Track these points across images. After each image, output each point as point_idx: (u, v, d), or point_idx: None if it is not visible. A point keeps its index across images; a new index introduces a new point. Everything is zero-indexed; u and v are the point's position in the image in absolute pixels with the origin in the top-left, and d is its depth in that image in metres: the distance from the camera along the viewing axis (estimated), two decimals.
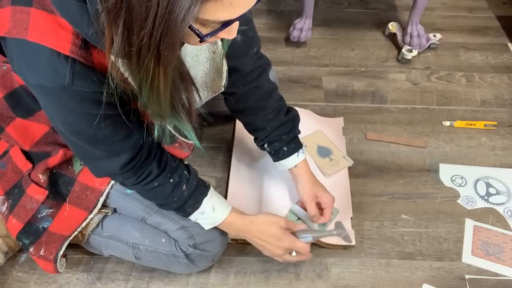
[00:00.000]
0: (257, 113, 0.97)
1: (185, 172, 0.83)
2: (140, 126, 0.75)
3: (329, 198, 1.00)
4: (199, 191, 0.84)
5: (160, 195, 0.83)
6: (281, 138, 0.98)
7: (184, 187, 0.82)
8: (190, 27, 0.50)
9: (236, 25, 0.57)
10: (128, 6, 0.48)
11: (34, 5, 0.58)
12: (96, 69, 0.62)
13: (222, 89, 0.86)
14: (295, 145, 0.99)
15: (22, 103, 0.77)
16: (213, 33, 0.55)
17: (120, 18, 0.49)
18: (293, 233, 0.91)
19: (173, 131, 0.74)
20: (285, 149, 0.98)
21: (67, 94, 0.62)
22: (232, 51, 0.81)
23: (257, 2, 0.54)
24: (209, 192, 0.85)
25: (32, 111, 0.78)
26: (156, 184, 0.80)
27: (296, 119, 1.01)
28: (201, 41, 0.55)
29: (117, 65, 0.57)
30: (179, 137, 0.79)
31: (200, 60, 0.80)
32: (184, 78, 0.64)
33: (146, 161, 0.78)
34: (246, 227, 0.89)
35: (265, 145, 1.00)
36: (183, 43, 0.67)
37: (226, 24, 0.54)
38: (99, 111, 0.65)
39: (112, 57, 0.55)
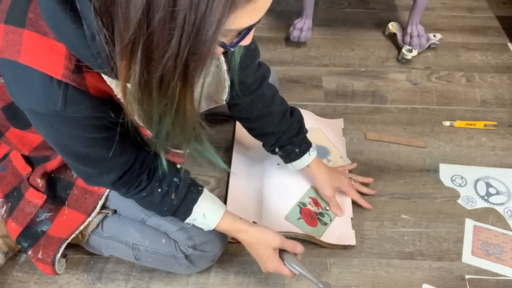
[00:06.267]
0: (264, 119, 0.98)
1: (175, 179, 0.80)
2: (135, 143, 0.73)
3: (346, 185, 1.09)
4: (189, 198, 0.82)
5: (150, 205, 0.82)
6: (292, 141, 1.00)
7: (173, 196, 0.80)
8: None
9: (253, 31, 0.55)
10: (148, 33, 0.44)
11: (27, 27, 0.55)
12: (90, 93, 0.59)
13: (224, 103, 0.84)
14: (306, 145, 1.02)
15: (18, 117, 0.75)
16: (237, 42, 0.53)
17: (139, 47, 0.45)
18: (283, 253, 0.87)
19: (195, 154, 0.69)
20: (297, 150, 1.01)
21: (60, 120, 0.61)
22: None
23: None
24: (200, 198, 0.82)
25: (28, 124, 0.75)
26: (144, 194, 0.79)
27: (301, 118, 1.03)
28: (224, 53, 0.52)
29: (133, 94, 0.52)
30: (175, 150, 0.78)
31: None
32: None
33: (137, 173, 0.77)
34: (238, 236, 0.87)
35: (277, 150, 1.02)
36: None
37: (246, 31, 0.52)
38: (93, 135, 0.64)
39: (129, 85, 0.51)
